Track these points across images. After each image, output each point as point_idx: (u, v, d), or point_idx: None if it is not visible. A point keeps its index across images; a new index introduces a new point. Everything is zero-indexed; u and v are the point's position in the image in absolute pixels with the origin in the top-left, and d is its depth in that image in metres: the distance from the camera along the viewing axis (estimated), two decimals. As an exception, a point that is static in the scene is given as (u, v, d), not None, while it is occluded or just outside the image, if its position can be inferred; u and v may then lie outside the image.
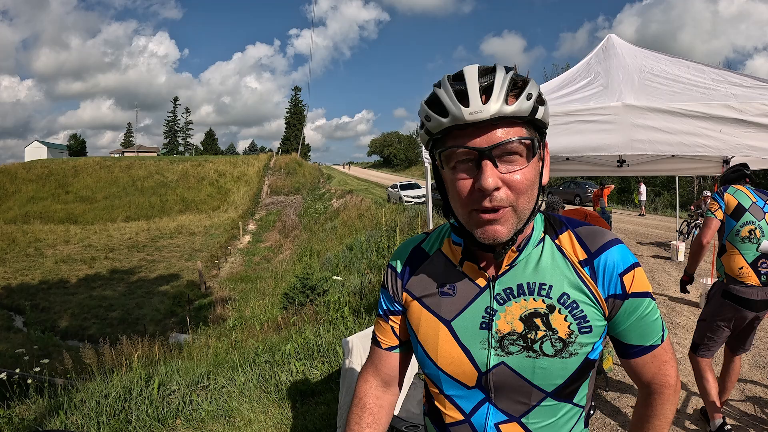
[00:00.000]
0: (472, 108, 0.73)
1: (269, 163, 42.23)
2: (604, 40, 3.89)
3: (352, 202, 23.19)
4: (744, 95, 2.73)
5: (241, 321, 9.48)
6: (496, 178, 0.74)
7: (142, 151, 69.08)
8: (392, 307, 1.01)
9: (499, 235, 0.78)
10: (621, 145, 2.88)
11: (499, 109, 0.73)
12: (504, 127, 0.75)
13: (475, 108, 0.73)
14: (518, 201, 0.77)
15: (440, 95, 0.77)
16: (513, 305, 0.85)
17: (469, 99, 0.74)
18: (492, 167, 0.74)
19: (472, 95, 0.74)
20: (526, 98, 0.75)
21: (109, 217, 30.94)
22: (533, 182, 0.79)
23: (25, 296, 17.19)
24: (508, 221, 0.78)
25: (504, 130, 0.75)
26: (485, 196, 0.75)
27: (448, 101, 0.75)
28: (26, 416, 3.43)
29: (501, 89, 0.74)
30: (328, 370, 4.05)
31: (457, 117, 0.74)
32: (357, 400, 1.02)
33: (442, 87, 0.78)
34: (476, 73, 0.76)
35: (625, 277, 0.84)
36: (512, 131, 0.76)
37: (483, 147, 0.74)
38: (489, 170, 0.74)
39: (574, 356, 0.83)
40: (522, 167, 0.76)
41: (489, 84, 0.75)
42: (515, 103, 0.74)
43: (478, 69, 0.77)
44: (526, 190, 0.77)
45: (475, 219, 0.79)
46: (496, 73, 0.76)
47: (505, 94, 0.74)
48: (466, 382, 0.88)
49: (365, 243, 12.32)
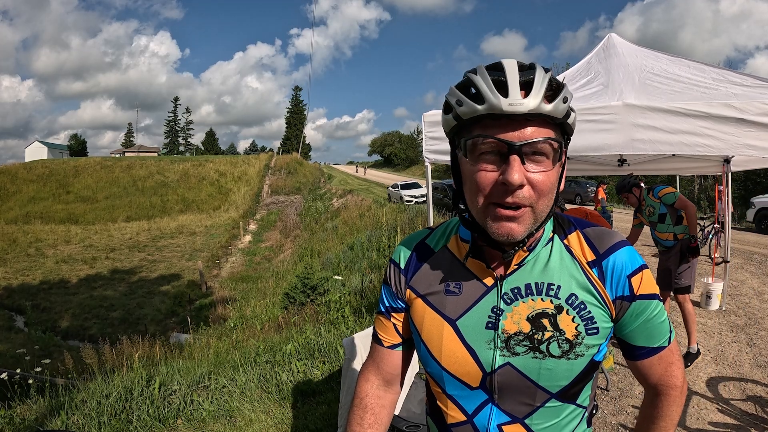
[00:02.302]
0: (511, 99, 0.71)
1: (270, 163, 42.25)
2: (605, 40, 3.89)
3: (352, 201, 23.20)
4: (744, 94, 2.73)
5: (241, 321, 9.48)
6: (522, 175, 0.73)
7: (143, 151, 69.14)
8: (395, 303, 0.99)
9: (514, 234, 0.76)
10: (621, 145, 2.88)
11: (537, 105, 0.72)
12: (536, 126, 0.74)
13: (514, 100, 0.71)
14: (538, 202, 0.76)
15: (477, 81, 0.75)
16: (520, 305, 0.84)
17: (508, 90, 0.72)
18: (520, 163, 0.73)
19: (512, 87, 0.72)
20: (562, 101, 0.74)
21: (110, 217, 30.98)
22: (554, 186, 0.78)
23: (26, 296, 17.21)
24: (525, 221, 0.77)
25: (536, 129, 0.74)
26: (508, 192, 0.74)
27: (486, 89, 0.73)
28: (27, 416, 3.44)
29: (541, 86, 0.73)
30: (329, 370, 4.05)
31: (494, 106, 0.72)
32: (358, 400, 1.01)
33: (478, 74, 0.76)
34: (516, 67, 0.75)
35: (633, 278, 0.83)
36: (543, 131, 0.75)
37: (514, 141, 0.73)
38: (517, 166, 0.72)
39: (580, 357, 0.82)
40: (547, 169, 0.75)
41: (529, 80, 0.73)
42: (552, 104, 0.73)
43: (518, 63, 0.76)
44: (547, 193, 0.76)
45: (492, 212, 0.77)
46: (536, 70, 0.75)
47: (544, 92, 0.73)
48: (469, 383, 0.87)
49: (366, 243, 12.32)
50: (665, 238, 4.10)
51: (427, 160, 3.69)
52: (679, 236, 4.04)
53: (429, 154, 3.63)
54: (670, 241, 4.08)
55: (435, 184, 18.76)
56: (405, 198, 21.40)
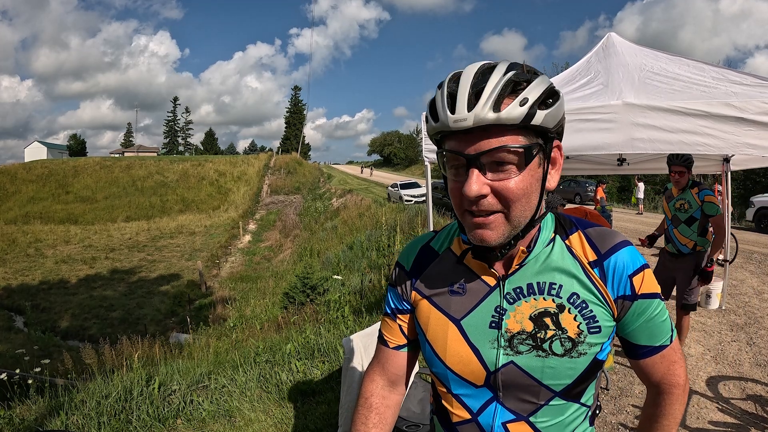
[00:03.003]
0: (457, 116, 0.72)
1: (269, 163, 42.26)
2: (604, 39, 3.88)
3: (352, 201, 23.21)
4: (744, 93, 2.72)
5: (241, 320, 9.48)
6: (482, 185, 0.73)
7: (142, 151, 69.10)
8: (400, 305, 1.00)
9: (487, 239, 0.78)
10: (621, 144, 2.87)
11: (482, 117, 0.70)
12: (495, 134, 0.72)
13: (460, 116, 0.72)
14: (510, 209, 0.76)
15: (436, 98, 0.77)
16: (523, 304, 0.85)
17: (456, 105, 0.72)
18: (478, 174, 0.73)
19: (459, 101, 0.72)
20: (519, 104, 0.71)
21: (110, 217, 30.96)
22: (528, 190, 0.76)
23: (26, 296, 17.20)
24: (498, 227, 0.77)
25: (496, 138, 0.72)
26: (473, 202, 0.75)
27: (439, 105, 0.75)
28: (27, 416, 3.43)
29: (491, 94, 0.71)
30: (329, 370, 4.05)
31: (444, 123, 0.74)
32: (363, 400, 1.01)
33: (440, 89, 0.77)
34: (472, 75, 0.73)
35: (634, 278, 0.84)
36: (505, 138, 0.72)
37: (470, 154, 0.73)
38: (474, 177, 0.73)
39: (583, 356, 0.83)
40: (512, 176, 0.74)
41: (480, 89, 0.72)
42: (505, 110, 0.71)
43: (478, 69, 0.74)
44: (518, 199, 0.75)
45: (467, 221, 0.79)
46: (492, 74, 0.73)
47: (495, 99, 0.70)
48: (474, 381, 0.88)
49: (365, 242, 12.33)
50: (684, 243, 3.75)
51: (426, 159, 3.69)
52: (698, 248, 3.71)
53: (428, 153, 3.63)
54: (687, 249, 3.74)
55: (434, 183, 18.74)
56: (404, 198, 21.40)
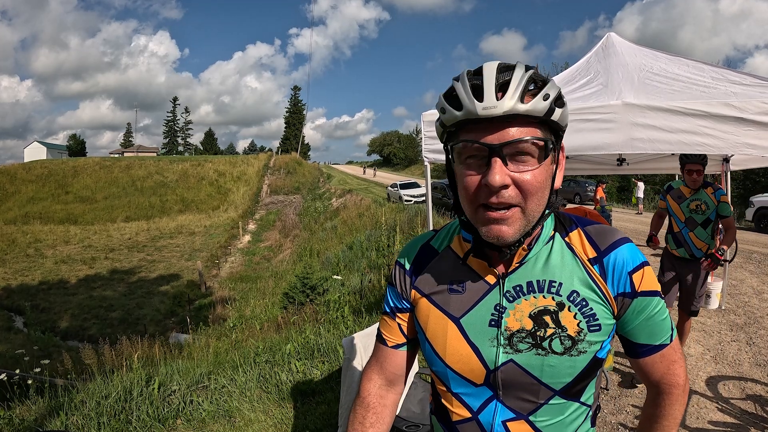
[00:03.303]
0: (486, 103, 0.73)
1: (269, 163, 42.24)
2: (604, 39, 3.88)
3: (351, 201, 23.20)
4: (744, 93, 2.72)
5: (241, 321, 9.47)
6: (505, 175, 0.74)
7: (142, 151, 69.15)
8: (400, 304, 0.99)
9: (504, 236, 0.77)
10: (621, 144, 2.87)
11: (512, 106, 0.72)
12: (518, 126, 0.74)
13: (489, 103, 0.73)
14: (527, 202, 0.76)
15: (457, 88, 0.77)
16: (523, 302, 0.85)
17: (484, 94, 0.73)
18: (501, 164, 0.74)
19: (487, 90, 0.73)
20: (542, 98, 0.74)
21: (109, 218, 30.94)
22: (544, 184, 0.78)
23: (26, 297, 17.19)
24: (515, 222, 0.77)
25: (518, 129, 0.74)
26: (492, 193, 0.75)
27: (464, 95, 0.75)
28: (26, 417, 3.43)
29: (517, 87, 0.73)
30: (329, 370, 4.05)
31: (470, 111, 0.74)
32: (360, 399, 1.01)
33: (460, 80, 0.78)
34: (495, 70, 0.76)
35: (634, 275, 0.84)
36: (526, 131, 0.75)
37: (494, 144, 0.74)
38: (498, 167, 0.73)
39: (582, 354, 0.83)
40: (533, 168, 0.76)
41: (506, 81, 0.74)
42: (531, 102, 0.73)
43: (497, 66, 0.77)
44: (536, 192, 0.76)
45: (481, 216, 0.78)
46: (515, 70, 0.75)
47: (521, 92, 0.73)
48: (474, 380, 0.88)
49: (365, 242, 12.32)
50: (699, 247, 3.55)
51: (426, 159, 3.69)
52: (709, 251, 3.54)
53: (428, 153, 3.63)
54: (701, 252, 3.56)
55: (434, 183, 18.76)
56: (404, 198, 21.41)
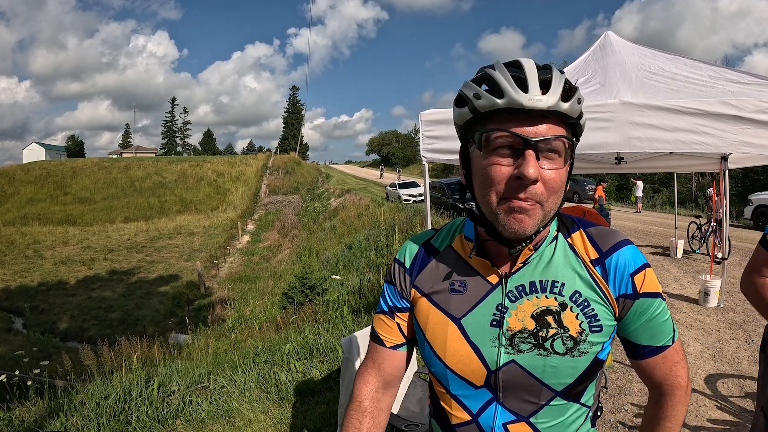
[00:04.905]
0: (531, 95, 0.73)
1: (268, 163, 42.19)
2: (602, 38, 3.89)
3: (350, 201, 23.19)
4: (741, 92, 2.73)
5: (240, 321, 9.47)
6: (537, 170, 0.74)
7: (140, 152, 69.10)
8: (399, 303, 0.97)
9: (525, 226, 0.76)
10: (619, 143, 2.88)
11: (556, 103, 0.74)
12: (551, 124, 0.76)
13: (534, 96, 0.73)
14: (548, 200, 0.77)
15: (495, 77, 0.76)
16: (525, 302, 0.84)
17: (528, 86, 0.74)
18: (535, 158, 0.74)
19: (531, 83, 0.74)
20: (577, 101, 0.77)
21: (108, 218, 30.90)
22: (563, 184, 0.79)
23: (25, 298, 17.17)
24: (536, 216, 0.77)
25: (550, 126, 0.75)
26: (522, 187, 0.74)
27: (506, 84, 0.75)
28: (26, 418, 3.43)
29: (558, 86, 0.75)
30: (328, 370, 4.05)
31: (514, 101, 0.73)
32: (357, 403, 0.98)
33: (497, 70, 0.77)
34: (534, 66, 0.77)
35: (636, 277, 0.84)
36: (557, 129, 0.76)
37: (531, 137, 0.74)
38: (533, 161, 0.73)
39: (584, 355, 0.82)
40: (558, 167, 0.76)
41: (546, 78, 0.75)
42: (569, 103, 0.75)
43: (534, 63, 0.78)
44: (557, 190, 0.77)
45: (504, 207, 0.77)
46: (554, 70, 0.77)
47: (561, 91, 0.75)
48: (474, 381, 0.87)
49: (364, 242, 12.32)
50: None
51: (424, 159, 3.69)
52: None
53: (426, 153, 3.63)
54: None
55: (433, 182, 18.76)
56: (403, 197, 21.41)
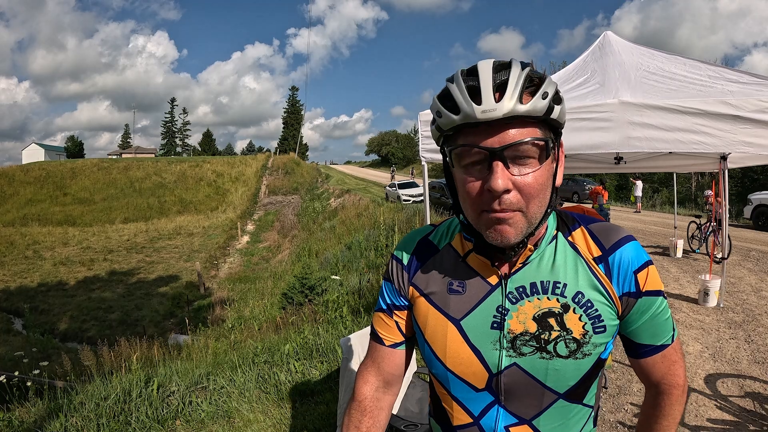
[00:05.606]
0: (485, 106, 0.70)
1: (267, 163, 42.16)
2: (600, 38, 3.89)
3: (350, 201, 23.17)
4: (740, 91, 2.73)
5: (240, 321, 9.47)
6: (507, 179, 0.71)
7: (140, 153, 69.02)
8: (397, 301, 0.95)
9: (507, 236, 0.75)
10: (618, 143, 2.88)
11: (512, 108, 0.69)
12: (517, 127, 0.72)
13: (488, 106, 0.69)
14: (528, 206, 0.74)
15: (452, 91, 0.74)
16: (526, 304, 0.82)
17: (481, 96, 0.70)
18: (503, 168, 0.71)
19: (485, 92, 0.70)
20: (541, 97, 0.72)
21: (108, 219, 30.89)
22: (545, 185, 0.76)
23: (24, 299, 17.15)
24: (517, 224, 0.74)
25: (517, 130, 0.72)
26: (494, 198, 0.72)
27: (460, 98, 0.72)
28: (26, 419, 3.43)
29: (515, 87, 0.70)
30: (327, 370, 4.05)
31: (469, 115, 0.71)
32: (356, 403, 0.97)
33: (454, 82, 0.75)
34: (491, 69, 0.72)
35: (639, 274, 0.82)
36: (526, 131, 0.72)
37: (495, 147, 0.71)
38: (500, 171, 0.71)
39: (587, 357, 0.81)
40: (534, 169, 0.73)
41: (503, 81, 0.71)
42: (530, 102, 0.71)
43: (492, 64, 0.74)
44: (538, 194, 0.74)
45: (484, 220, 0.75)
46: (512, 69, 0.72)
47: (520, 92, 0.70)
48: (475, 384, 0.85)
49: (364, 242, 12.31)
50: None
51: (423, 159, 3.69)
52: None
53: (425, 153, 3.63)
54: None
55: (432, 183, 18.77)
56: (402, 197, 21.40)
